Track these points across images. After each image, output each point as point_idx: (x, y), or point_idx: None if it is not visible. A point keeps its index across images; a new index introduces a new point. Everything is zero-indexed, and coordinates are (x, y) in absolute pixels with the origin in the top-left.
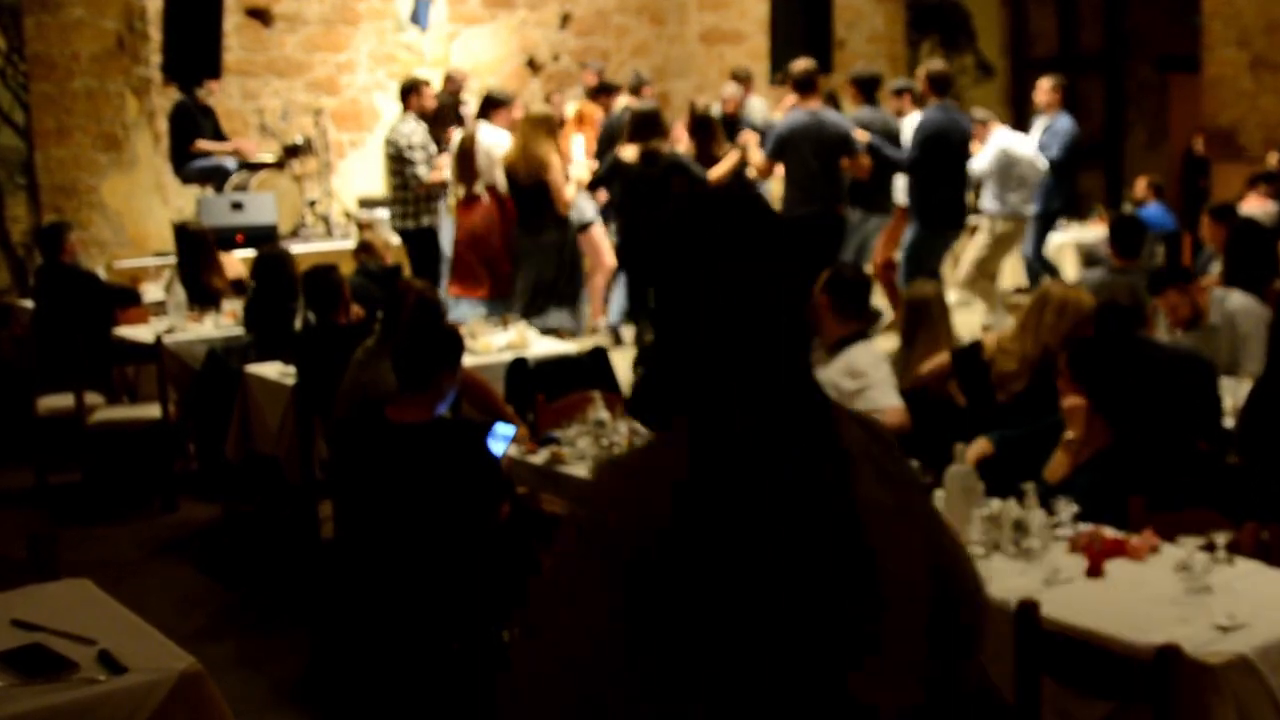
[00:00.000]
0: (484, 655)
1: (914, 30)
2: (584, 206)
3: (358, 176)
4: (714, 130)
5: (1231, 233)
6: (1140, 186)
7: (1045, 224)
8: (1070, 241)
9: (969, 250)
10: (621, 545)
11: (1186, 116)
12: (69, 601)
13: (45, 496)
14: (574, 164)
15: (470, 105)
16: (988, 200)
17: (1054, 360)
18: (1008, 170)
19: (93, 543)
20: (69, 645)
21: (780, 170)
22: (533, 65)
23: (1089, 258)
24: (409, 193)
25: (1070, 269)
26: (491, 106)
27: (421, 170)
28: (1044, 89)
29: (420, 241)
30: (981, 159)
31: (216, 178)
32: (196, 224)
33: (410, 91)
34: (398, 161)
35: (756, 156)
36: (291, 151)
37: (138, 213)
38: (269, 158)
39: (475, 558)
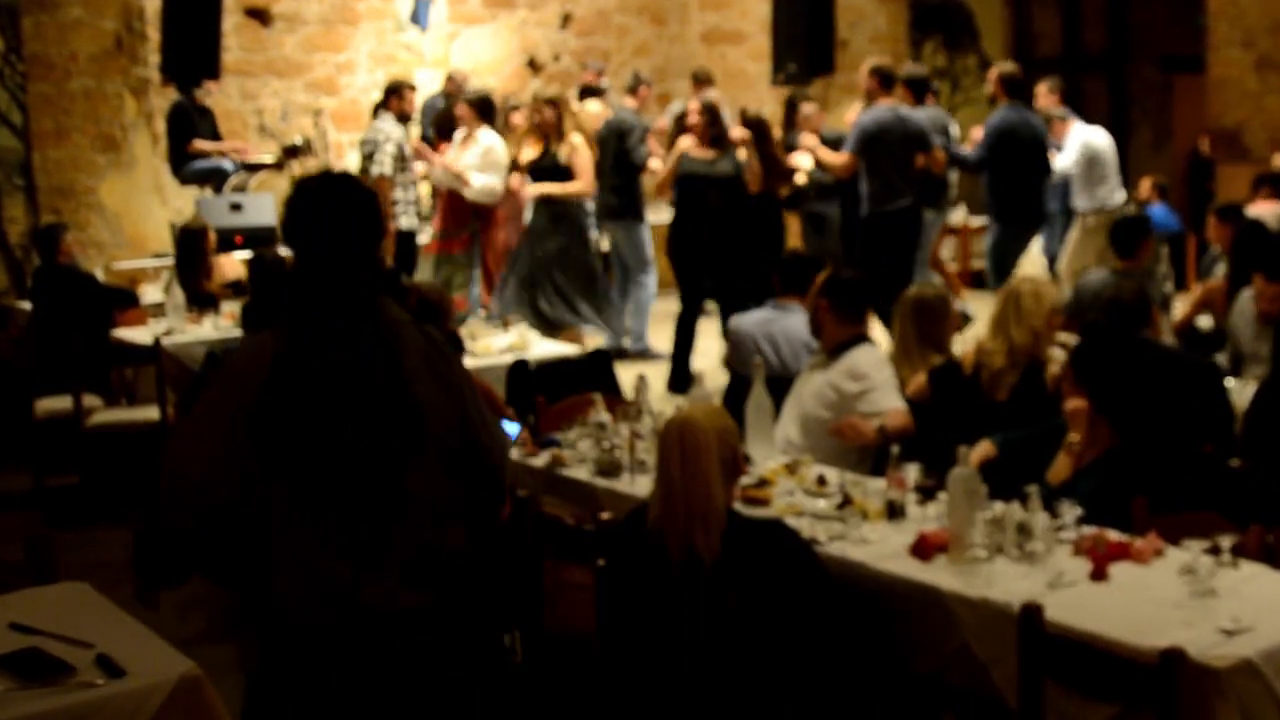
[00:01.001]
0: (484, 657)
1: (917, 30)
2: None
3: None
4: (768, 131)
5: (1237, 234)
6: (1144, 187)
7: (1069, 221)
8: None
9: (1065, 248)
10: (242, 385)
11: (1191, 117)
12: (67, 605)
13: (43, 499)
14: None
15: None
16: (1077, 197)
17: (1041, 347)
18: (1091, 165)
19: (91, 546)
20: (67, 649)
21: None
22: (533, 65)
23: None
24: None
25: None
26: (486, 111)
27: (386, 165)
28: (1042, 93)
29: (395, 244)
30: (1065, 156)
31: (215, 179)
32: (199, 223)
33: (392, 93)
34: (368, 159)
35: (828, 154)
36: (291, 152)
37: (136, 214)
38: (268, 159)
39: (474, 561)
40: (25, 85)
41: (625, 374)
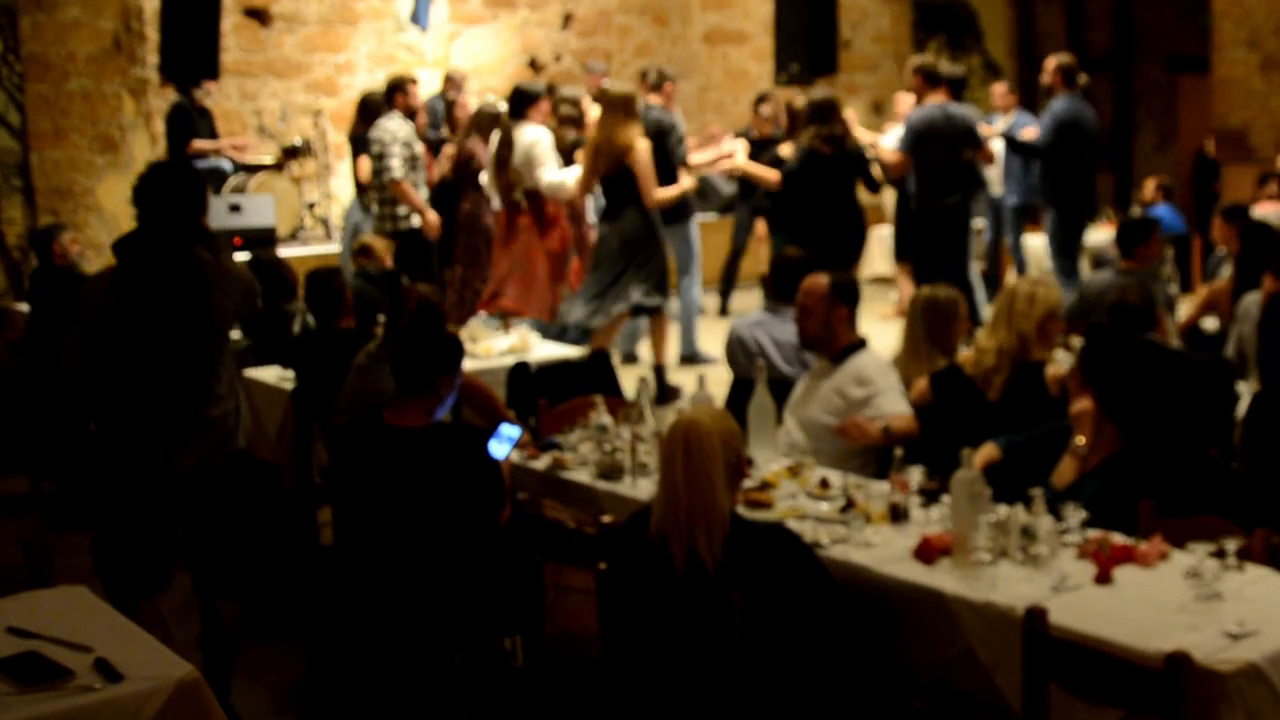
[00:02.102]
0: (484, 664)
1: (920, 30)
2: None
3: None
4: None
5: (1242, 235)
6: (1149, 188)
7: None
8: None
9: None
10: (88, 306)
11: (1196, 118)
12: (65, 608)
13: (40, 502)
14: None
15: (471, 107)
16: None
17: (1030, 349)
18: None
19: (88, 549)
20: (65, 653)
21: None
22: (534, 66)
23: (1097, 259)
24: (386, 193)
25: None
26: (525, 103)
27: (397, 169)
28: (1000, 93)
29: (405, 245)
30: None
31: (214, 180)
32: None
33: (396, 90)
34: (378, 159)
35: (884, 152)
36: (290, 153)
37: (134, 215)
38: (267, 159)
39: (474, 565)
40: (23, 86)
41: (686, 380)
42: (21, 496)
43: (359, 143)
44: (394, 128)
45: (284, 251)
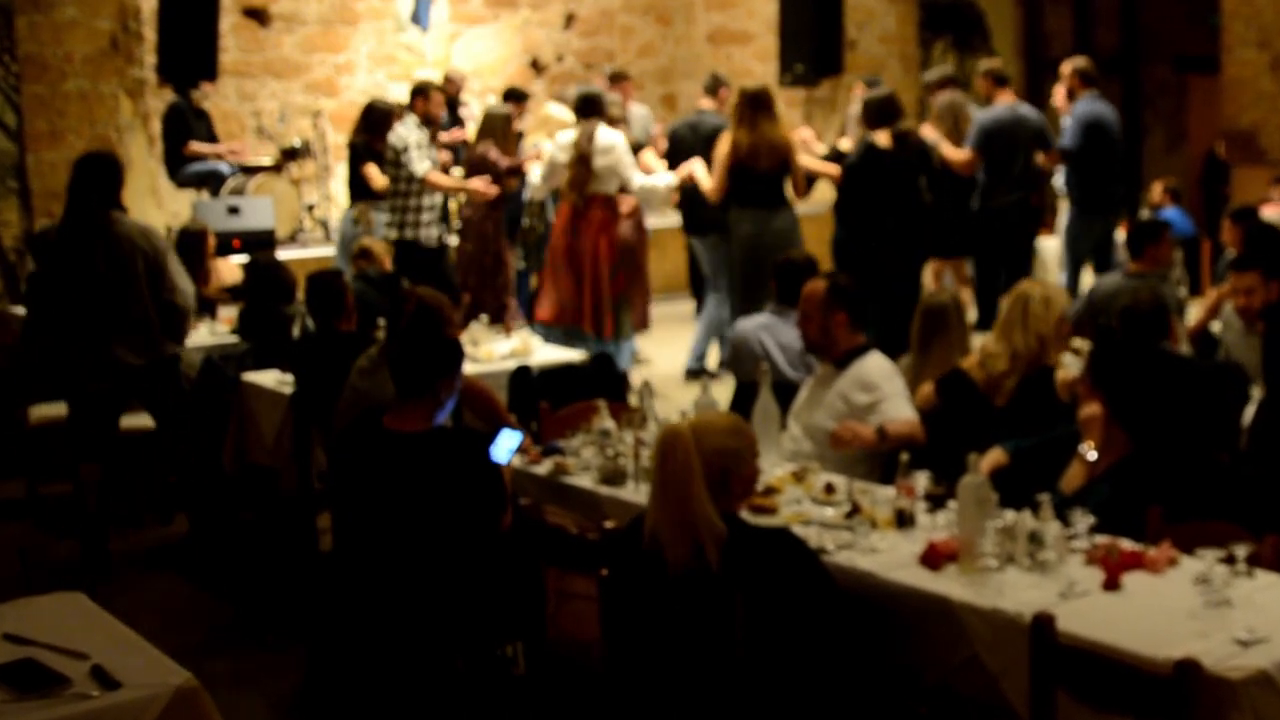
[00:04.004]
0: (485, 671)
1: (927, 30)
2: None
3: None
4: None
5: (1245, 238)
6: (1157, 191)
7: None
8: None
9: None
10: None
11: (1205, 119)
12: (61, 615)
13: (37, 507)
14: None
15: (471, 107)
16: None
17: (1049, 352)
18: None
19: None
20: (61, 660)
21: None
22: (536, 66)
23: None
24: (399, 199)
25: (1086, 274)
26: (596, 106)
27: (420, 165)
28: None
29: (411, 255)
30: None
31: (212, 181)
32: (199, 226)
33: (419, 95)
34: (394, 166)
35: (951, 151)
36: (289, 154)
37: (131, 217)
38: (266, 161)
39: (476, 570)
40: (19, 86)
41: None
42: (17, 501)
43: (361, 151)
44: (404, 132)
45: (283, 254)
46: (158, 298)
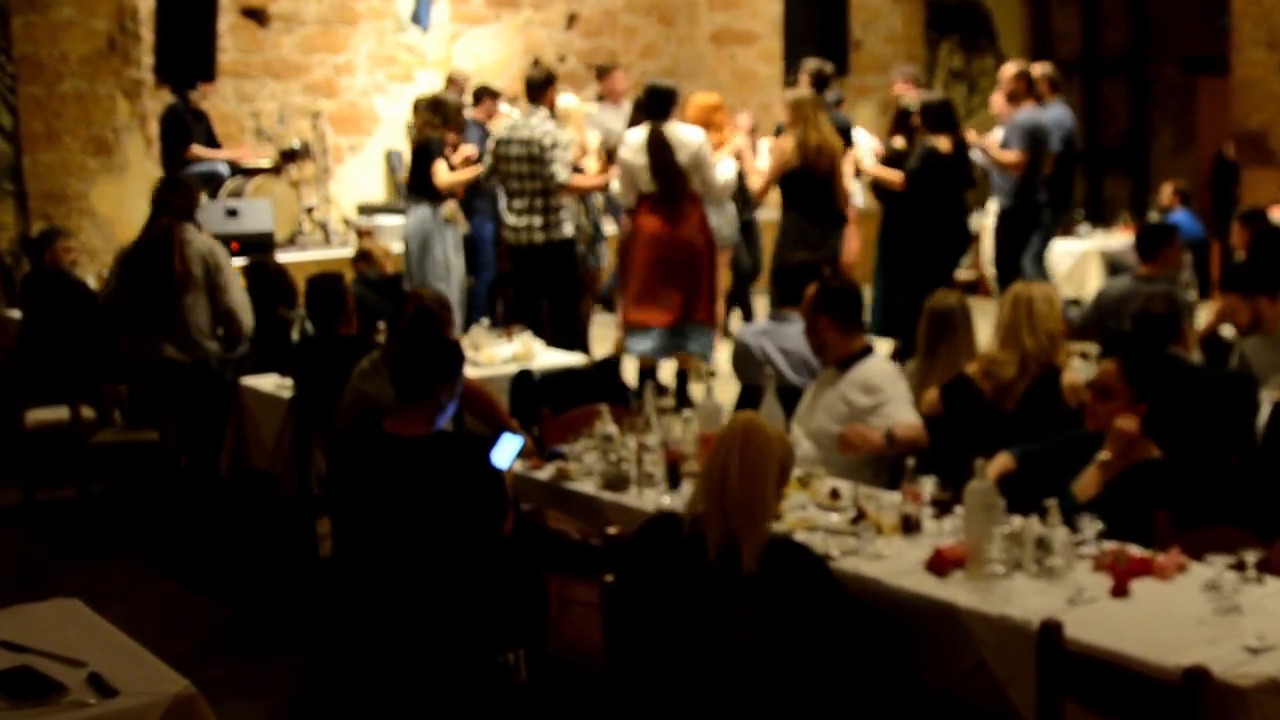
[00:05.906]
0: (486, 678)
1: (933, 30)
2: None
3: (357, 182)
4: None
5: (1253, 239)
6: (1165, 193)
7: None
8: (1094, 249)
9: None
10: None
11: (1214, 120)
12: (58, 622)
13: (34, 513)
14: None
15: (501, 112)
16: None
17: (1057, 351)
18: None
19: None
20: (58, 667)
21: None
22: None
23: (1113, 266)
24: (540, 199)
25: (1094, 278)
26: (669, 102)
27: (563, 173)
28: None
29: (556, 254)
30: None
31: (210, 183)
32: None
33: (546, 85)
34: (533, 162)
35: (999, 152)
36: (288, 156)
37: (129, 219)
38: (265, 163)
39: (476, 577)
40: (15, 87)
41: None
42: (14, 507)
43: (435, 147)
44: (549, 128)
45: (282, 257)
46: (214, 304)
